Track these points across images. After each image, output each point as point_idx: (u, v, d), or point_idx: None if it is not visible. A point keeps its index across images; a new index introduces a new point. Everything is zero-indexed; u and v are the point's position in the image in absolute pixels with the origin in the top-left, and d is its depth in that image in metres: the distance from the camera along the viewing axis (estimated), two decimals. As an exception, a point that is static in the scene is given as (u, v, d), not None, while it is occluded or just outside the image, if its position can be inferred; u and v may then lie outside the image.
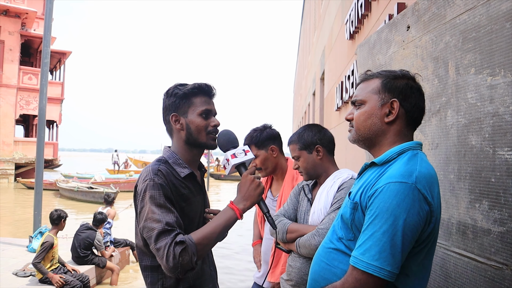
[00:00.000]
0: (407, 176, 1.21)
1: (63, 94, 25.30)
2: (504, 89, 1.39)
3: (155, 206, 1.50)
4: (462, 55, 1.60)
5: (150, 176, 1.55)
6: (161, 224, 1.46)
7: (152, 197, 1.51)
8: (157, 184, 1.53)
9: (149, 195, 1.51)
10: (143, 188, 1.54)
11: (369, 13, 3.75)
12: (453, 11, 1.65)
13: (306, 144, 2.21)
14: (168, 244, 1.43)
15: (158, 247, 1.44)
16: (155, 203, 1.50)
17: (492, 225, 1.46)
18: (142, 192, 1.54)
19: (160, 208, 1.50)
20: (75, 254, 5.99)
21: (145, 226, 1.50)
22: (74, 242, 6.03)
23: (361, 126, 1.39)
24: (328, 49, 7.34)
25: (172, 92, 1.68)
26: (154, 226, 1.47)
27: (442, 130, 1.76)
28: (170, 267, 1.42)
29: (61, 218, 5.46)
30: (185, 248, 1.44)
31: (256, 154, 2.64)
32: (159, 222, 1.47)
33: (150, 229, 1.48)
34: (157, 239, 1.45)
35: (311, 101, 11.92)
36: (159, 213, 1.49)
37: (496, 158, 1.43)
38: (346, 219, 1.33)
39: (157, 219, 1.47)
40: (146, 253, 1.60)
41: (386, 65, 2.25)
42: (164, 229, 1.46)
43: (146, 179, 1.55)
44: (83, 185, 18.11)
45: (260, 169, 2.70)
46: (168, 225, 1.47)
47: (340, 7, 5.71)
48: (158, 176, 1.55)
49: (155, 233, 1.46)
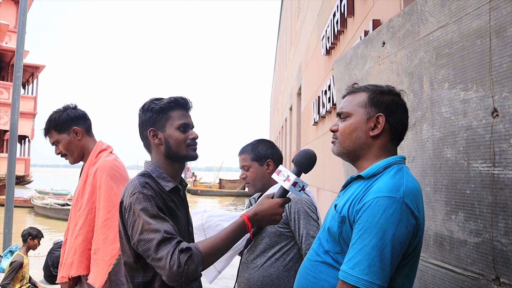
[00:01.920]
0: (395, 190, 1.22)
1: (35, 108, 24.73)
2: (476, 103, 1.44)
3: (149, 217, 1.44)
4: (436, 71, 1.65)
5: (138, 189, 1.51)
6: (160, 233, 1.41)
7: (145, 209, 1.46)
8: (147, 196, 1.49)
9: (140, 208, 1.46)
10: (132, 202, 1.49)
11: (345, 29, 3.83)
12: (426, 28, 1.71)
13: (259, 156, 2.27)
14: (171, 252, 1.37)
15: (160, 257, 1.38)
16: (149, 214, 1.45)
17: (468, 236, 1.49)
18: (132, 206, 1.49)
19: (155, 219, 1.45)
20: (48, 273, 5.79)
21: (141, 239, 1.43)
22: (47, 260, 5.83)
23: (346, 139, 1.40)
24: (305, 64, 7.45)
25: (148, 107, 1.66)
26: (153, 237, 1.41)
27: (418, 143, 1.80)
28: (173, 275, 1.36)
29: (29, 236, 5.28)
30: (191, 255, 1.39)
31: (57, 139, 2.45)
32: (157, 231, 1.41)
33: (148, 240, 1.41)
34: (158, 248, 1.39)
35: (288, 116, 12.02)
36: (155, 223, 1.43)
37: (471, 170, 1.47)
38: (333, 232, 1.33)
39: (154, 229, 1.42)
40: (137, 269, 1.55)
41: (363, 80, 2.29)
42: (164, 237, 1.40)
43: (134, 192, 1.50)
44: (60, 202, 17.60)
45: (66, 155, 2.51)
46: (167, 233, 1.41)
47: (316, 23, 5.82)
48: (147, 188, 1.52)
49: (155, 243, 1.40)
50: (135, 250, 1.50)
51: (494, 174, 1.36)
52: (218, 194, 29.86)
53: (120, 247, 1.61)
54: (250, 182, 2.29)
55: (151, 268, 1.52)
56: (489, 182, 1.38)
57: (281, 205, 1.56)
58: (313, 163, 1.62)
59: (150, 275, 1.53)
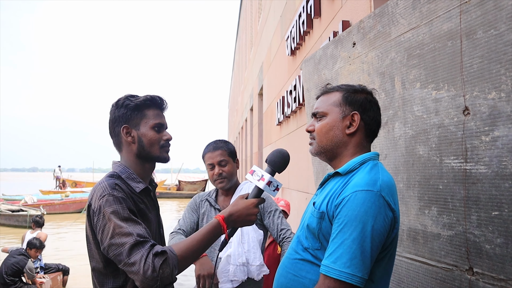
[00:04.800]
0: (372, 184, 1.26)
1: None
2: (448, 102, 1.50)
3: (120, 221, 1.39)
4: (408, 71, 1.71)
5: (108, 191, 1.45)
6: (133, 237, 1.36)
7: (115, 212, 1.40)
8: (118, 198, 1.43)
9: (111, 211, 1.40)
10: (101, 205, 1.43)
11: (311, 30, 3.89)
12: (397, 30, 1.76)
13: (232, 153, 2.42)
14: (145, 256, 1.33)
15: (133, 261, 1.33)
16: (120, 217, 1.40)
17: (442, 230, 1.55)
18: (101, 209, 1.42)
19: (127, 222, 1.39)
20: (1, 281, 5.49)
21: (112, 244, 1.37)
22: (2, 267, 5.53)
23: (323, 138, 1.43)
24: (267, 64, 7.49)
25: (123, 103, 1.60)
26: (125, 241, 1.35)
27: (390, 141, 1.85)
28: (148, 280, 1.31)
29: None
30: (166, 259, 1.35)
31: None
32: (129, 235, 1.36)
33: (119, 244, 1.36)
34: (130, 253, 1.34)
35: (249, 116, 12.05)
36: (127, 226, 1.38)
37: (443, 166, 1.53)
38: (313, 229, 1.34)
39: (126, 232, 1.36)
40: (107, 274, 1.49)
41: (333, 80, 2.34)
42: (137, 241, 1.35)
43: (104, 195, 1.44)
44: (14, 207, 16.70)
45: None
46: (140, 237, 1.37)
47: (279, 24, 5.87)
48: (117, 190, 1.46)
49: (127, 247, 1.34)
50: (104, 255, 1.44)
51: (467, 169, 1.43)
52: (177, 196, 29.44)
53: (88, 253, 1.54)
54: (228, 177, 2.36)
55: (121, 273, 1.46)
56: (462, 177, 1.45)
57: (256, 205, 1.56)
58: (287, 163, 1.63)
59: (120, 281, 1.48)
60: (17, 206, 17.15)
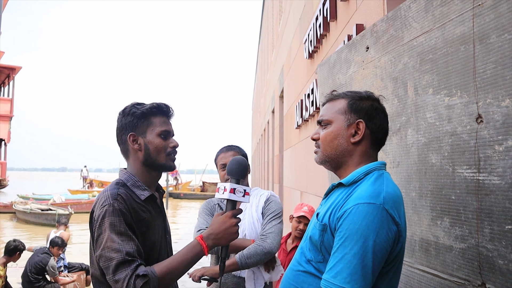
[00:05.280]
0: (375, 197, 1.21)
1: (12, 111, 24.16)
2: (461, 109, 1.44)
3: (115, 234, 1.42)
4: (420, 76, 1.65)
5: (109, 201, 1.47)
6: (121, 254, 1.38)
7: (112, 224, 1.43)
8: (117, 210, 1.45)
9: (108, 222, 1.43)
10: (101, 214, 1.45)
11: (328, 33, 3.84)
12: (410, 34, 1.71)
13: (244, 156, 2.44)
14: (129, 277, 1.36)
15: (117, 279, 1.36)
16: (115, 231, 1.42)
17: (454, 242, 1.49)
18: (100, 218, 1.45)
19: (121, 236, 1.42)
20: (26, 279, 5.63)
21: (102, 255, 1.41)
22: (27, 265, 5.68)
23: (328, 147, 1.39)
24: (287, 67, 7.46)
25: (129, 111, 1.62)
26: (113, 256, 1.38)
27: (403, 148, 1.80)
28: None
29: (17, 251, 5.15)
30: (147, 282, 1.37)
31: None
32: (118, 251, 1.39)
33: (108, 258, 1.39)
34: (116, 270, 1.37)
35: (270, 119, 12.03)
36: (119, 241, 1.40)
37: (456, 176, 1.47)
38: (315, 241, 1.31)
39: (116, 248, 1.39)
40: (103, 282, 1.50)
41: (347, 85, 2.29)
42: (124, 259, 1.38)
43: (105, 205, 1.46)
44: (42, 206, 17.26)
45: None
46: (129, 255, 1.39)
47: (298, 27, 5.83)
48: (118, 201, 1.47)
49: (114, 264, 1.38)
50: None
51: (479, 180, 1.36)
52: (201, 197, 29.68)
53: (89, 258, 1.58)
54: None
55: None
56: (474, 188, 1.39)
57: (232, 216, 1.56)
58: (244, 167, 1.67)
59: None
60: (46, 205, 17.69)
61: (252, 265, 2.23)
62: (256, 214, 2.36)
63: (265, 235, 2.25)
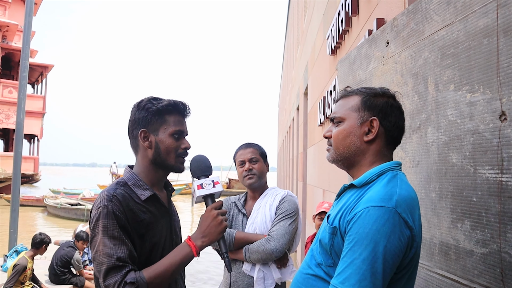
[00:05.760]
0: (387, 199, 1.15)
1: (44, 108, 24.92)
2: (483, 106, 1.36)
3: (107, 238, 1.39)
4: (441, 71, 1.57)
5: (103, 203, 1.43)
6: (112, 259, 1.37)
7: (105, 227, 1.40)
8: (111, 213, 1.41)
9: (102, 225, 1.41)
10: (95, 216, 1.43)
11: (350, 28, 3.75)
12: (431, 27, 1.63)
13: (263, 154, 2.48)
14: (118, 283, 1.34)
15: (107, 284, 1.36)
16: (108, 234, 1.40)
17: (475, 246, 1.41)
18: (95, 220, 1.43)
19: (113, 240, 1.39)
20: (52, 272, 5.79)
21: (95, 258, 1.40)
22: (53, 259, 5.84)
23: (340, 145, 1.34)
24: (311, 64, 7.37)
25: (144, 106, 1.55)
26: (104, 261, 1.37)
27: (423, 147, 1.72)
28: None
29: (44, 243, 5.29)
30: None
31: None
32: (109, 256, 1.37)
33: (99, 263, 1.38)
34: (106, 275, 1.36)
35: (295, 116, 11.93)
36: (111, 246, 1.38)
37: (478, 176, 1.39)
38: (325, 244, 1.26)
39: (107, 253, 1.37)
40: None
41: (367, 81, 2.22)
42: (115, 265, 1.36)
43: (100, 206, 1.43)
44: (72, 201, 17.76)
45: None
46: (119, 260, 1.37)
47: (322, 23, 5.74)
48: (113, 202, 1.43)
49: (104, 269, 1.36)
50: None
51: (502, 181, 1.28)
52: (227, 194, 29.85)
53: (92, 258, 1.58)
54: (257, 174, 2.40)
55: None
56: (497, 190, 1.31)
57: (213, 209, 1.54)
58: (203, 161, 1.64)
59: None
60: (75, 200, 18.17)
61: (256, 261, 2.22)
62: (269, 213, 2.33)
63: (270, 236, 2.22)
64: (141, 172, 1.58)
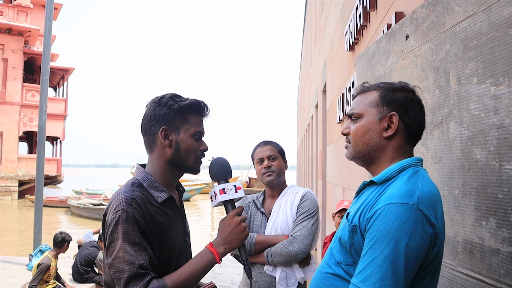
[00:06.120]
0: (409, 196, 1.12)
1: (66, 110, 25.44)
2: (509, 99, 1.31)
3: (128, 244, 1.32)
4: (464, 64, 1.52)
5: (122, 207, 1.36)
6: (134, 267, 1.30)
7: (126, 232, 1.33)
8: (131, 217, 1.34)
9: (122, 230, 1.33)
10: (114, 220, 1.35)
11: (368, 23, 3.69)
12: (452, 19, 1.58)
13: (282, 152, 2.47)
14: None
15: None
16: (129, 241, 1.33)
17: (501, 245, 1.36)
18: (113, 225, 1.35)
19: (134, 246, 1.33)
20: (75, 271, 5.90)
21: (113, 265, 1.32)
22: (77, 258, 5.95)
23: (359, 142, 1.31)
24: (329, 61, 7.30)
25: (166, 103, 1.50)
26: (125, 268, 1.30)
27: (445, 143, 1.67)
28: None
29: (65, 242, 5.38)
30: None
31: None
32: (131, 264, 1.30)
33: (119, 270, 1.31)
34: (128, 283, 1.29)
35: (314, 114, 11.86)
36: (132, 252, 1.32)
37: (503, 172, 1.34)
38: (345, 243, 1.23)
39: (128, 260, 1.31)
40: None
41: (386, 76, 2.17)
42: (137, 272, 1.30)
43: (118, 210, 1.36)
44: (94, 201, 18.11)
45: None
46: (141, 268, 1.31)
47: (340, 19, 5.67)
48: (133, 206, 1.36)
49: (126, 277, 1.30)
50: None
51: (530, 177, 1.23)
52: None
53: (103, 264, 1.51)
54: (276, 171, 2.39)
55: None
56: (524, 186, 1.26)
57: (235, 215, 1.51)
58: (224, 165, 1.60)
59: None
60: (97, 200, 18.50)
61: (279, 264, 2.19)
62: (291, 212, 2.30)
63: (293, 237, 2.19)
64: (156, 172, 1.53)
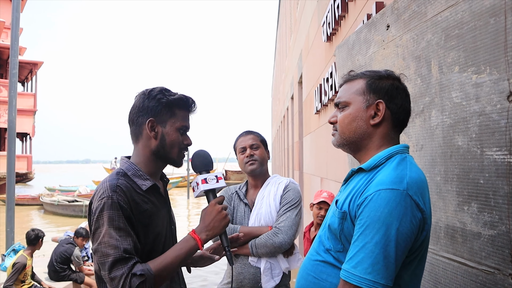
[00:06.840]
0: (398, 182, 1.14)
1: (35, 105, 24.67)
2: (490, 87, 1.34)
3: (113, 229, 1.36)
4: (445, 53, 1.55)
5: (107, 194, 1.40)
6: (118, 251, 1.34)
7: (111, 218, 1.37)
8: (116, 204, 1.39)
9: (107, 216, 1.37)
10: (99, 207, 1.40)
11: (346, 14, 3.72)
12: (434, 8, 1.61)
13: (264, 141, 2.48)
14: (125, 275, 1.32)
15: (113, 277, 1.33)
16: (114, 226, 1.37)
17: (482, 228, 1.40)
18: (99, 211, 1.39)
19: (119, 232, 1.37)
20: (52, 269, 5.77)
21: (98, 250, 1.37)
22: (52, 256, 5.81)
23: (346, 129, 1.32)
24: (305, 52, 7.33)
25: (155, 96, 1.54)
26: (110, 252, 1.34)
27: (427, 131, 1.71)
28: None
29: (39, 238, 5.25)
30: (143, 281, 1.34)
31: None
32: (115, 248, 1.34)
33: (104, 254, 1.35)
34: (112, 267, 1.33)
35: (290, 105, 11.91)
36: (117, 237, 1.36)
37: (484, 158, 1.38)
38: (334, 229, 1.25)
39: (113, 245, 1.35)
40: (101, 278, 1.47)
41: (366, 66, 2.20)
42: (122, 256, 1.34)
43: (103, 197, 1.40)
44: (68, 198, 17.71)
45: None
46: (126, 252, 1.35)
47: (316, 10, 5.69)
48: (117, 193, 1.41)
49: (110, 260, 1.34)
50: None
51: (511, 162, 1.27)
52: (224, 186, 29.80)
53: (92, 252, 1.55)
54: (259, 160, 2.39)
55: None
56: (505, 171, 1.30)
57: (217, 203, 1.55)
58: (206, 157, 1.66)
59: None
60: (72, 197, 18.12)
61: (264, 255, 2.20)
62: (274, 203, 2.31)
63: (278, 229, 2.21)
64: (140, 162, 1.57)
